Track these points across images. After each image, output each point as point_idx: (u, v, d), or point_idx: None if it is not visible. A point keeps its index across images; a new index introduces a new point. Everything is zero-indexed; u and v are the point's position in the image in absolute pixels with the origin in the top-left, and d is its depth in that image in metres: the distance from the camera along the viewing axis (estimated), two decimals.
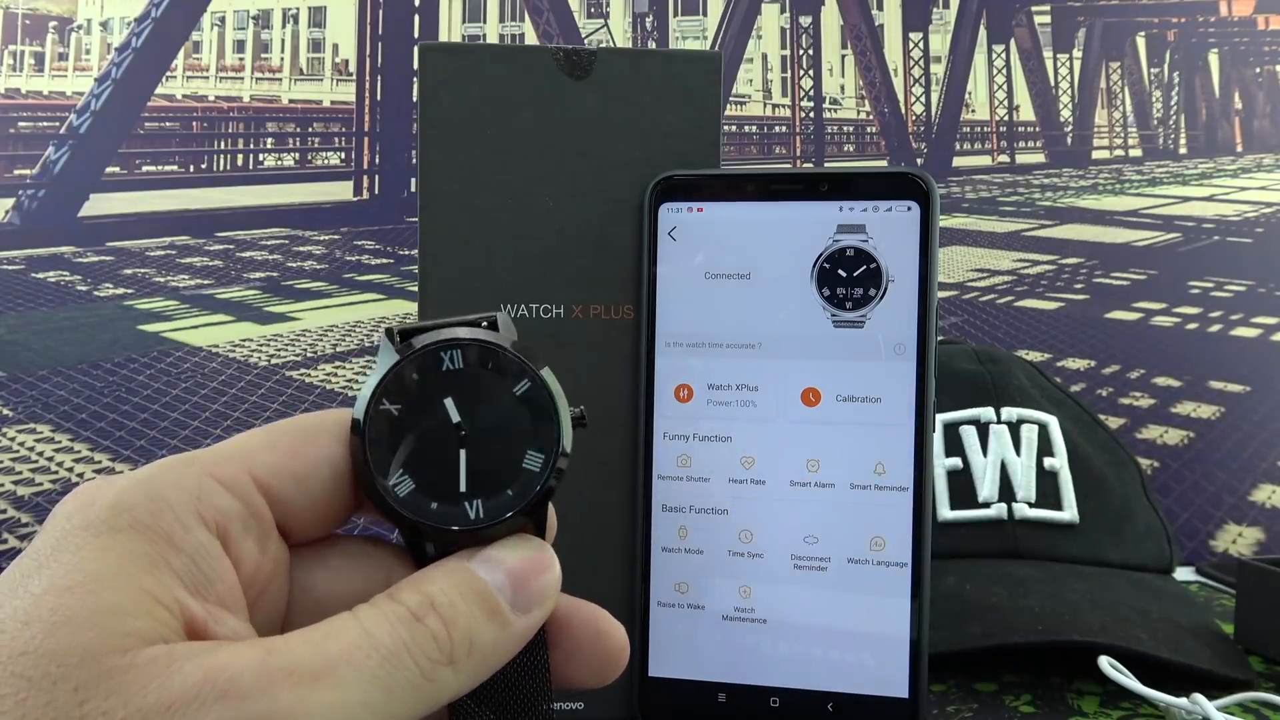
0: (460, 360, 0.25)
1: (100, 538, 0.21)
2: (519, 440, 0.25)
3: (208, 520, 0.23)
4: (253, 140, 1.31)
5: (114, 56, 1.19)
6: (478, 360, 0.25)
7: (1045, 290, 1.43)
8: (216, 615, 0.22)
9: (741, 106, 1.33)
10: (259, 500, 0.24)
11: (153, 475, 0.23)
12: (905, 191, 0.45)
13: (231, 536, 0.24)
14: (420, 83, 0.47)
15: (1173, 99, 1.42)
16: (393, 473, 0.24)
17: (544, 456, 0.25)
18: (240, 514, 0.24)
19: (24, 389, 1.33)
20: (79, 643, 0.20)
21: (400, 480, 0.24)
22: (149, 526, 0.22)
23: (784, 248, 0.45)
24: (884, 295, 0.44)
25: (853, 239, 0.45)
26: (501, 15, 1.26)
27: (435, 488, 0.24)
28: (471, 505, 0.24)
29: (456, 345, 0.25)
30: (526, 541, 0.25)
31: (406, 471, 0.24)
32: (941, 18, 1.34)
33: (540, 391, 0.25)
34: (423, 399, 0.24)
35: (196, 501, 0.23)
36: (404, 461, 0.24)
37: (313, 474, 0.25)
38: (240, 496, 0.24)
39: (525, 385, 0.25)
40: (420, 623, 0.22)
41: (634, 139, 0.47)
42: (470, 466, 0.24)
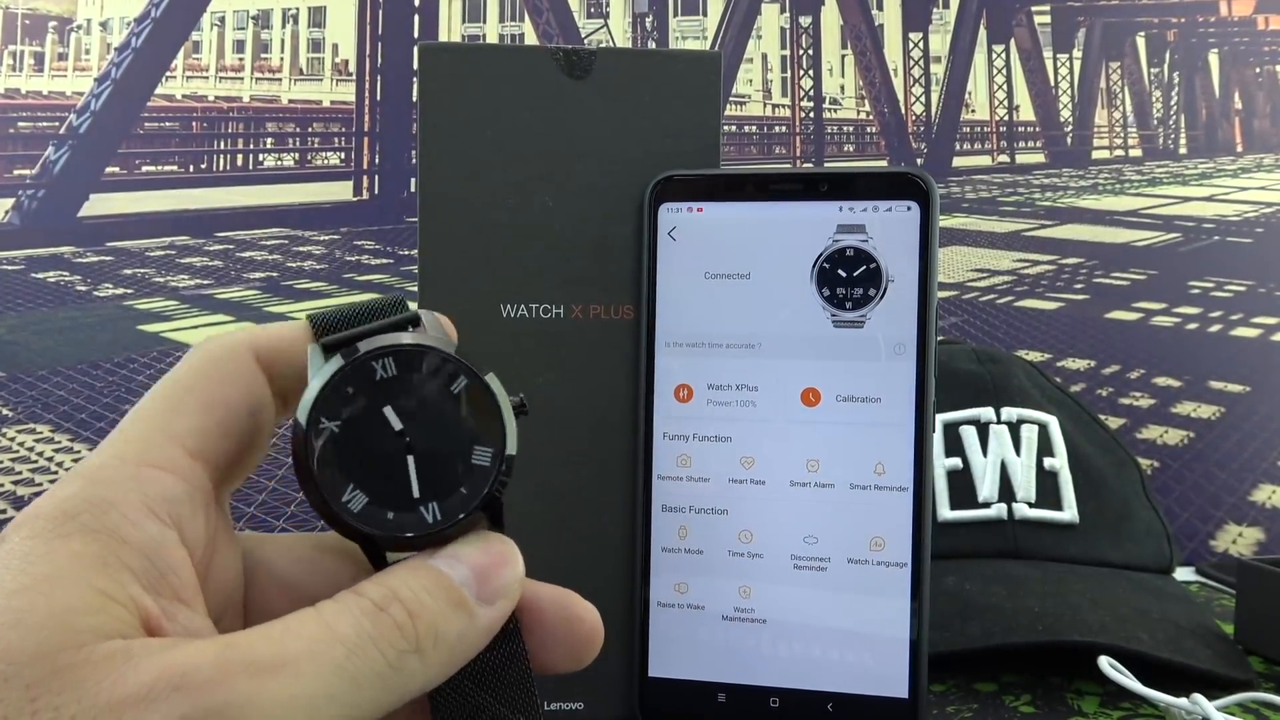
0: (393, 367, 0.24)
1: (48, 544, 0.21)
2: (464, 438, 0.25)
3: (158, 512, 0.23)
4: (252, 140, 1.31)
5: (114, 56, 1.19)
6: (410, 364, 0.25)
7: (1045, 290, 1.43)
8: (172, 610, 0.22)
9: (741, 106, 1.33)
10: (198, 474, 0.24)
11: (90, 480, 0.23)
12: (905, 191, 0.45)
13: (185, 522, 0.23)
14: (420, 83, 0.47)
15: (1173, 99, 1.42)
16: (344, 490, 0.24)
17: (491, 450, 0.25)
18: (188, 495, 0.24)
19: (24, 389, 1.33)
20: (31, 642, 0.20)
21: (352, 496, 0.24)
22: (96, 528, 0.22)
23: (784, 248, 0.45)
24: (884, 295, 0.44)
25: (852, 239, 0.45)
26: (501, 15, 1.26)
27: (388, 497, 0.24)
28: (428, 509, 0.24)
29: (388, 353, 0.24)
30: (486, 537, 0.25)
31: (357, 487, 0.24)
32: (941, 18, 1.34)
33: (477, 385, 0.25)
34: (362, 412, 0.24)
35: (142, 495, 0.23)
36: (353, 476, 0.24)
37: (232, 421, 0.25)
38: (183, 476, 0.24)
39: (462, 382, 0.25)
40: (384, 612, 0.22)
41: (634, 139, 0.47)
42: (420, 471, 0.24)
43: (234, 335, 0.26)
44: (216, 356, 0.25)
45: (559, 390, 0.46)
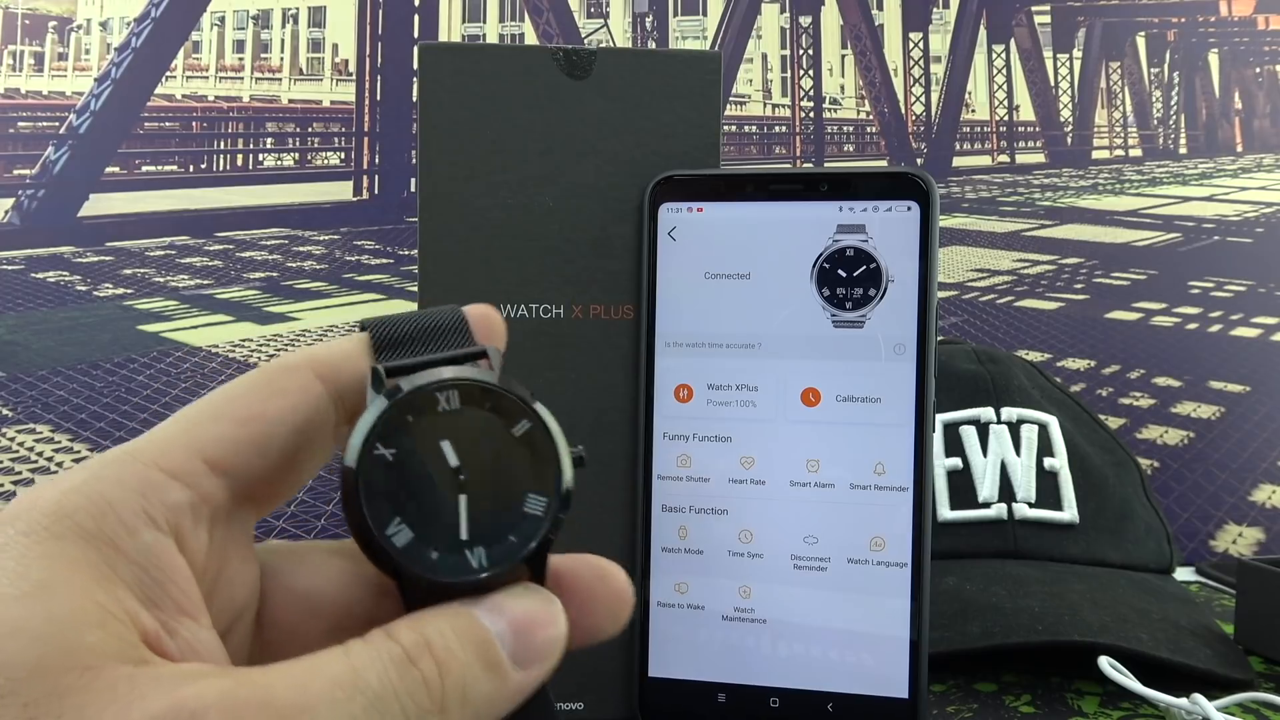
0: (457, 401, 0.23)
1: (42, 545, 0.20)
2: (519, 483, 0.23)
3: (157, 519, 0.22)
4: (252, 140, 1.31)
5: (114, 56, 1.19)
6: (474, 400, 0.23)
7: (1045, 290, 1.44)
8: (172, 624, 0.21)
9: (741, 106, 1.33)
10: (212, 485, 0.23)
11: (94, 474, 0.22)
12: (905, 191, 0.44)
13: (185, 531, 0.22)
14: (420, 83, 0.47)
15: (1173, 99, 1.42)
16: (389, 522, 0.22)
17: (546, 500, 0.23)
18: (192, 505, 0.22)
19: (24, 389, 1.33)
20: (30, 656, 0.18)
21: (398, 530, 0.22)
22: (92, 532, 0.20)
23: (784, 248, 0.45)
24: (884, 295, 0.44)
25: (853, 239, 0.45)
26: (501, 15, 1.26)
27: (435, 536, 0.23)
28: (474, 553, 0.23)
29: (453, 386, 0.23)
30: (533, 592, 0.23)
31: (404, 520, 0.22)
32: (941, 18, 1.34)
33: (540, 432, 0.24)
34: (419, 442, 0.23)
35: (142, 500, 0.21)
36: (401, 509, 0.22)
37: (271, 437, 0.23)
38: (191, 485, 0.22)
39: (525, 425, 0.23)
40: (413, 666, 0.21)
41: (634, 139, 0.47)
42: (471, 513, 0.23)
43: (295, 351, 0.25)
44: (271, 370, 0.24)
45: (559, 390, 0.46)
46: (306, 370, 0.24)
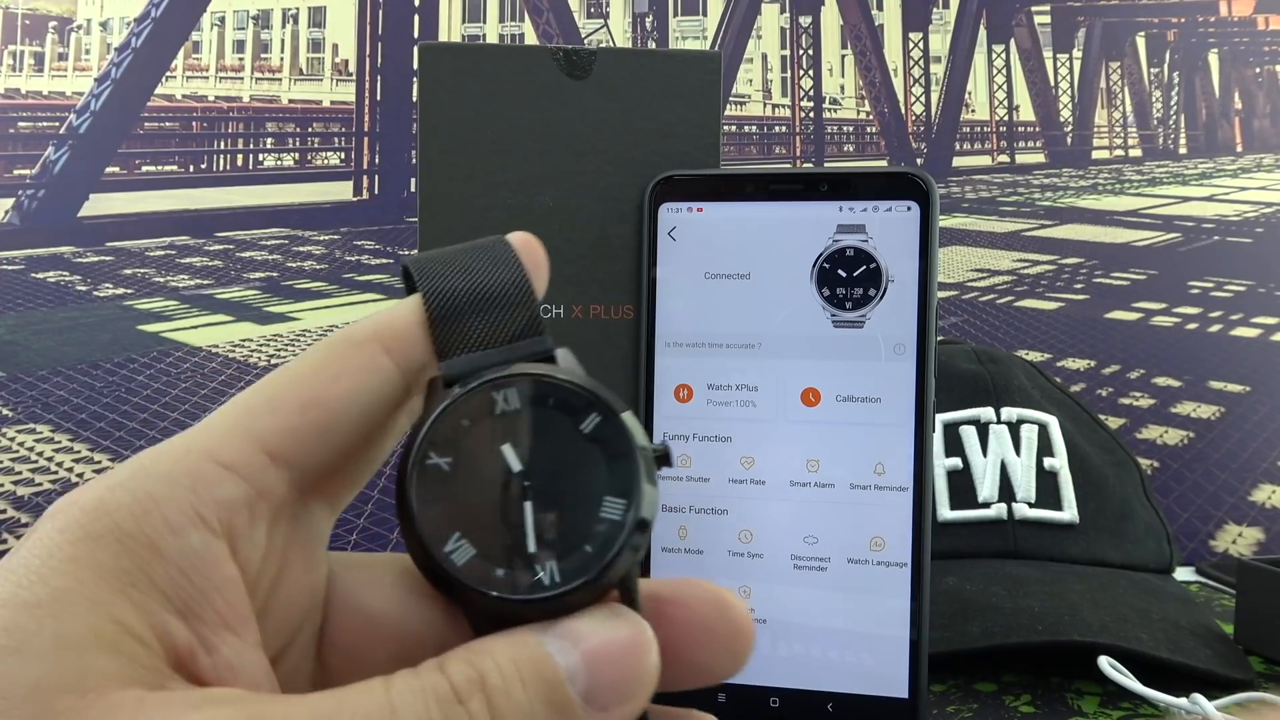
0: (516, 400, 0.21)
1: (74, 545, 0.18)
2: (594, 486, 0.21)
3: (207, 518, 0.19)
4: (252, 140, 1.31)
5: (114, 56, 1.19)
6: (536, 397, 0.21)
7: (1045, 290, 1.44)
8: (211, 639, 0.19)
9: (741, 106, 1.33)
10: (273, 478, 0.20)
11: (143, 468, 0.20)
12: (905, 191, 0.44)
13: (239, 532, 0.20)
14: (420, 83, 0.47)
15: (1173, 99, 1.42)
16: (448, 538, 0.20)
17: (624, 503, 0.20)
18: (248, 501, 0.20)
19: (24, 389, 1.33)
20: (29, 676, 0.17)
21: (457, 546, 0.20)
22: (131, 533, 0.19)
23: (784, 248, 0.45)
24: (884, 295, 0.44)
25: (853, 239, 0.45)
26: (501, 15, 1.26)
27: (499, 551, 0.20)
28: (544, 568, 0.20)
29: (510, 383, 0.21)
30: (617, 615, 0.20)
31: (464, 535, 0.20)
32: (941, 18, 1.34)
33: (612, 426, 0.21)
34: (476, 448, 0.21)
35: (192, 496, 0.19)
36: (460, 523, 0.20)
37: (338, 421, 0.21)
38: (249, 478, 0.20)
39: (594, 420, 0.21)
40: (462, 705, 0.18)
41: (634, 139, 0.47)
42: (539, 522, 0.20)
43: (359, 324, 0.22)
44: (335, 347, 0.22)
45: None
46: (374, 344, 0.22)
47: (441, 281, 0.22)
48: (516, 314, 0.22)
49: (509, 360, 0.22)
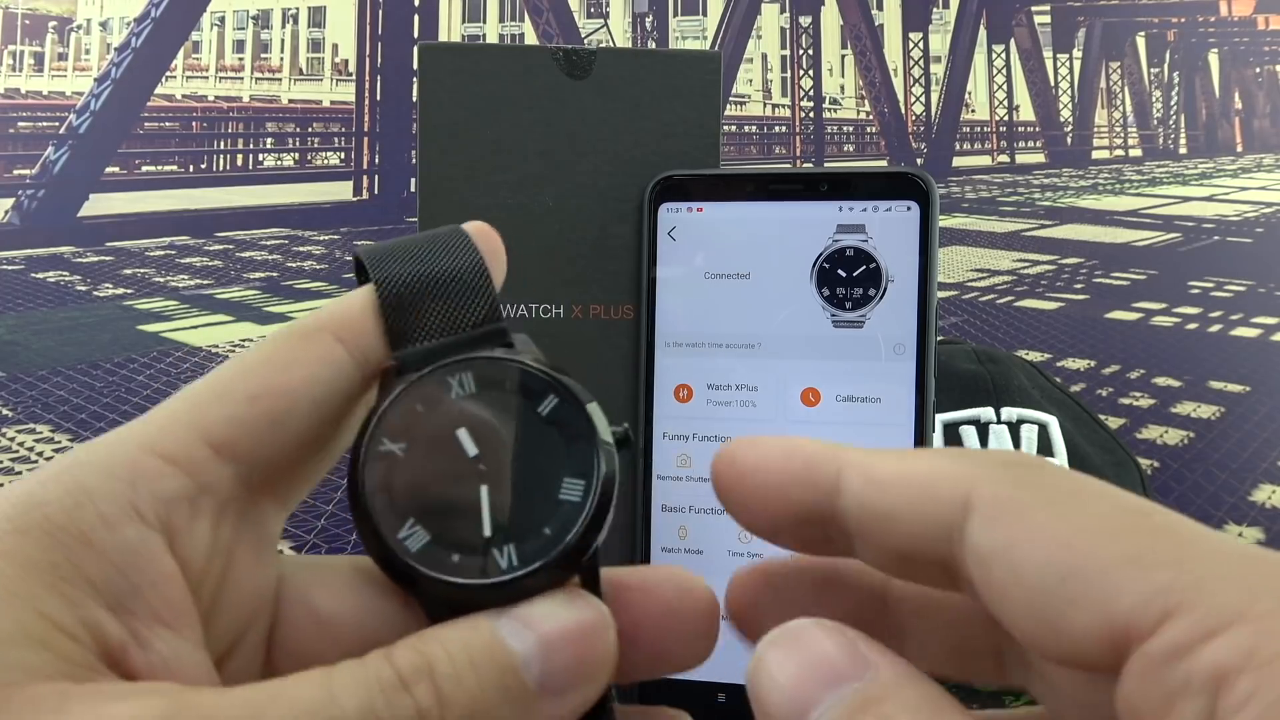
0: (471, 383, 0.20)
1: (1, 539, 0.18)
2: (552, 468, 0.20)
3: (144, 512, 0.19)
4: (252, 140, 1.31)
5: (114, 56, 1.19)
6: (492, 381, 0.21)
7: (1045, 290, 1.43)
8: (145, 635, 0.18)
9: (741, 106, 1.33)
10: (218, 472, 0.20)
11: (77, 461, 0.19)
12: (905, 191, 0.45)
13: (177, 527, 0.19)
14: (420, 83, 0.47)
15: (1173, 99, 1.43)
16: (402, 524, 0.20)
17: (584, 483, 0.20)
18: (191, 496, 0.19)
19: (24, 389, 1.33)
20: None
21: (411, 532, 0.20)
22: (62, 526, 0.18)
23: (784, 247, 0.45)
24: (884, 295, 0.44)
25: (852, 239, 0.45)
26: (501, 15, 1.26)
27: (454, 537, 0.20)
28: (501, 552, 0.19)
29: (465, 367, 0.21)
30: (574, 598, 0.19)
31: (418, 521, 0.20)
32: (941, 18, 1.34)
33: (570, 407, 0.20)
34: (431, 433, 0.20)
35: (129, 490, 0.19)
36: (414, 510, 0.20)
37: (289, 413, 0.20)
38: (191, 472, 0.19)
39: (552, 402, 0.20)
40: (407, 692, 0.17)
41: (634, 139, 0.47)
42: (495, 505, 0.20)
43: (310, 314, 0.21)
44: (285, 337, 0.21)
45: None
46: (325, 334, 0.21)
47: (394, 269, 0.22)
48: (472, 301, 0.22)
49: (465, 347, 0.21)
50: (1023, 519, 0.17)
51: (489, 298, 0.22)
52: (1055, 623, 0.16)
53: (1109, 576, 0.16)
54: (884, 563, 0.19)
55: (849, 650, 0.18)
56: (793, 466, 0.20)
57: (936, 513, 0.18)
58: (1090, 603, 0.16)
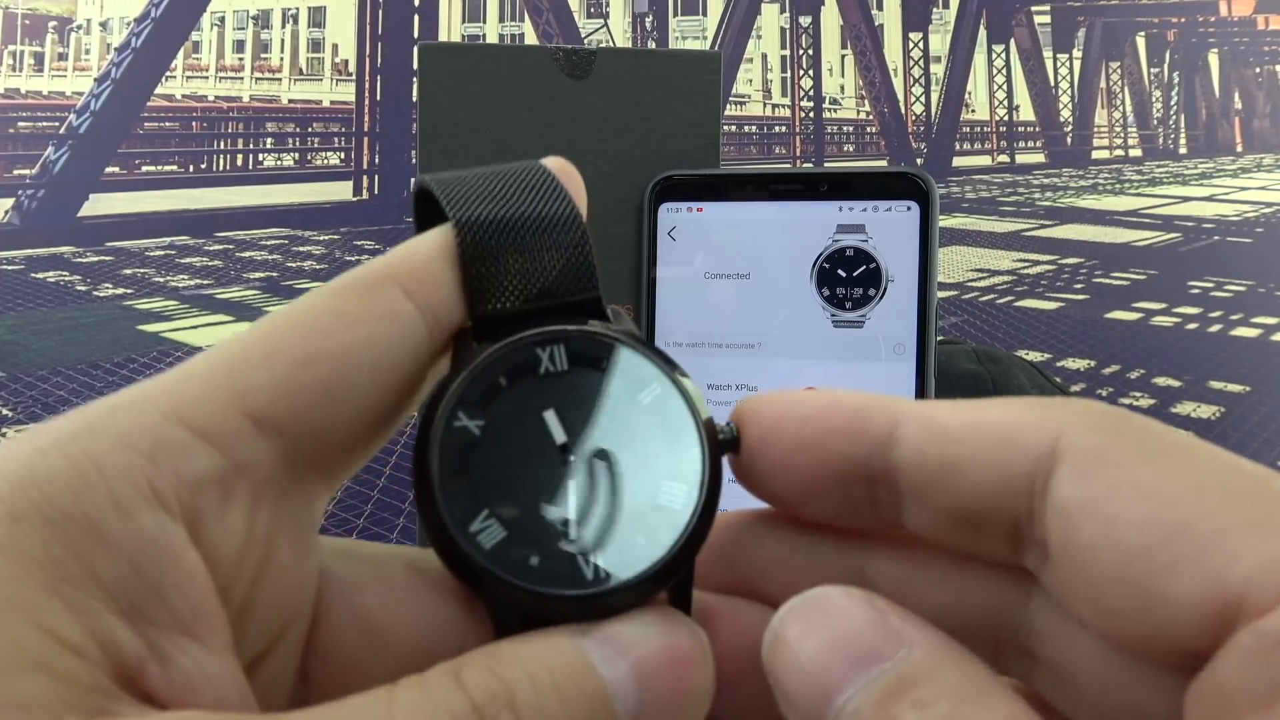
0: (564, 359, 0.18)
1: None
2: (651, 468, 0.17)
3: (165, 494, 0.15)
4: (252, 140, 1.31)
5: (114, 56, 1.19)
6: (589, 359, 0.18)
7: (1045, 290, 1.43)
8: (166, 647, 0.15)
9: (741, 106, 1.33)
10: (257, 449, 0.16)
11: (89, 426, 0.15)
12: (905, 191, 0.44)
13: (205, 515, 0.16)
14: (420, 83, 0.47)
15: (1173, 99, 1.43)
16: (475, 516, 0.17)
17: (687, 489, 0.17)
18: (223, 477, 0.16)
19: (24, 389, 1.33)
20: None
21: (485, 526, 0.17)
22: (67, 512, 0.15)
23: (784, 247, 0.45)
24: (884, 295, 0.44)
25: (852, 239, 0.45)
26: (501, 15, 1.26)
27: (535, 535, 0.17)
28: (587, 559, 0.17)
29: (559, 339, 0.18)
30: (669, 620, 0.17)
31: (494, 514, 0.17)
32: (941, 18, 1.34)
33: (677, 400, 0.18)
34: (515, 412, 0.17)
35: (149, 465, 0.15)
36: (490, 499, 0.17)
37: (346, 380, 0.17)
38: (225, 449, 0.16)
39: (654, 391, 0.18)
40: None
41: (634, 139, 0.47)
42: (584, 504, 0.17)
43: (374, 262, 0.18)
44: (345, 288, 0.17)
45: None
46: (392, 286, 0.17)
47: (475, 209, 0.18)
48: (566, 257, 0.18)
49: (558, 315, 0.18)
50: (1121, 471, 0.15)
51: (585, 256, 0.18)
52: (1151, 590, 0.14)
53: (1223, 540, 0.14)
54: (941, 526, 0.17)
55: (879, 624, 0.15)
56: (836, 417, 0.17)
57: (1015, 463, 0.16)
58: (1198, 568, 0.14)
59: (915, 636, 0.15)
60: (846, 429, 0.17)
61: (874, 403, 0.17)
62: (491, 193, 0.18)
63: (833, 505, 0.17)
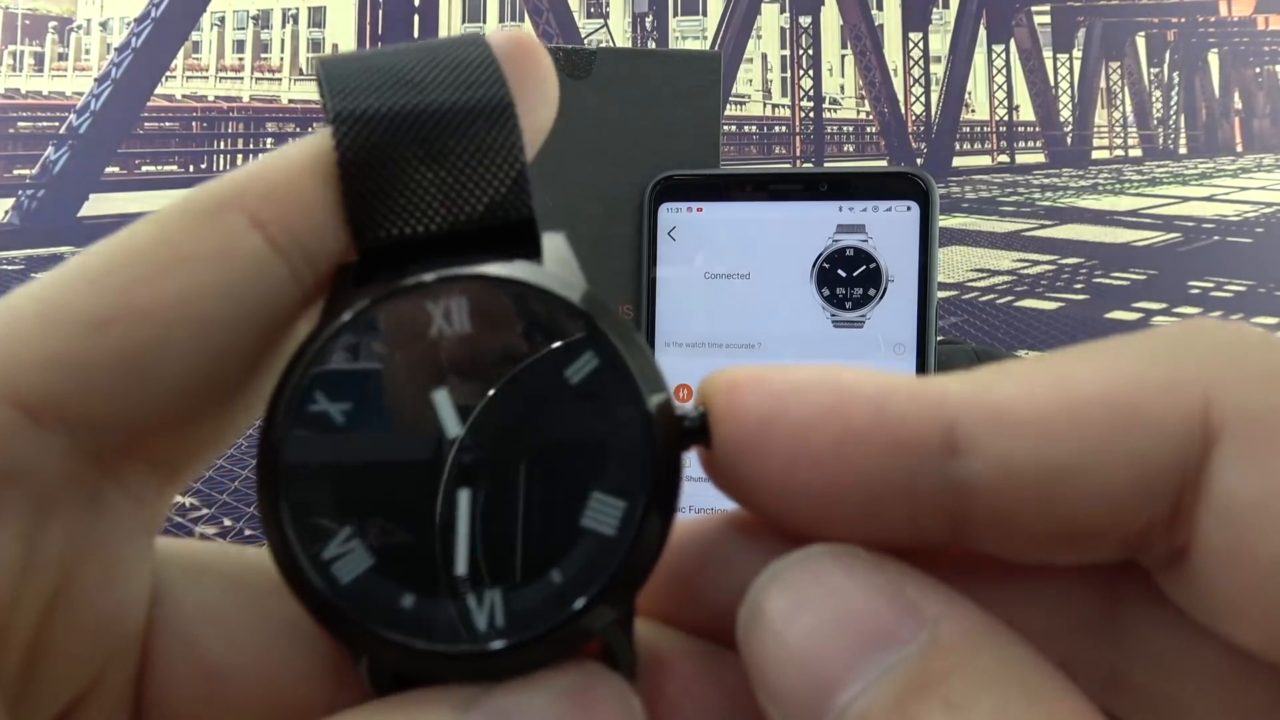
0: (464, 317, 0.13)
1: None
2: (577, 473, 0.13)
3: None
4: (252, 140, 1.31)
5: (114, 56, 1.19)
6: (497, 316, 0.13)
7: (1045, 290, 1.43)
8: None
9: (741, 106, 1.33)
10: (28, 448, 0.12)
11: None
12: (905, 191, 0.45)
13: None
14: None
15: (1173, 99, 1.43)
16: (332, 535, 0.13)
17: (624, 504, 0.13)
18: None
19: None
20: None
21: (344, 551, 0.13)
22: None
23: (784, 248, 0.45)
24: (883, 295, 0.44)
25: (852, 239, 0.45)
26: (501, 15, 1.26)
27: (410, 566, 0.13)
28: (481, 601, 0.13)
29: (458, 287, 0.13)
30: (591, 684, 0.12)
31: (357, 534, 0.13)
32: (941, 18, 1.34)
33: (618, 375, 0.13)
34: (393, 393, 0.13)
35: None
36: (353, 513, 0.13)
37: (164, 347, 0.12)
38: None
39: (589, 364, 0.13)
40: None
41: (634, 139, 0.47)
42: (482, 524, 0.13)
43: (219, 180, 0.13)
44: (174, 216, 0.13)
45: None
46: (232, 213, 0.13)
47: (365, 99, 0.13)
48: (489, 168, 0.14)
49: (466, 247, 0.13)
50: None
51: (514, 165, 0.14)
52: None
53: None
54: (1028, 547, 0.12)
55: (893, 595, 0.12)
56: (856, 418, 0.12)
57: (1151, 454, 0.11)
58: None
59: (941, 611, 0.11)
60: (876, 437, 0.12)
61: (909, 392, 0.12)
62: (395, 77, 0.14)
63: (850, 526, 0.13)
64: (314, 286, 0.13)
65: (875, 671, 0.11)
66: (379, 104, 0.13)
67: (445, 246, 0.13)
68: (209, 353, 0.13)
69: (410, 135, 0.13)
